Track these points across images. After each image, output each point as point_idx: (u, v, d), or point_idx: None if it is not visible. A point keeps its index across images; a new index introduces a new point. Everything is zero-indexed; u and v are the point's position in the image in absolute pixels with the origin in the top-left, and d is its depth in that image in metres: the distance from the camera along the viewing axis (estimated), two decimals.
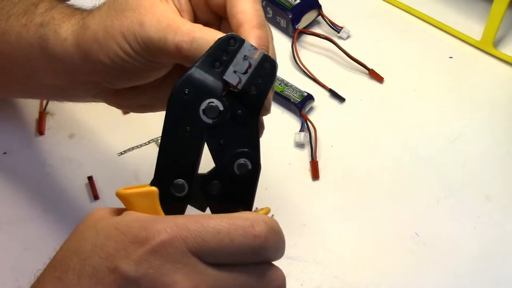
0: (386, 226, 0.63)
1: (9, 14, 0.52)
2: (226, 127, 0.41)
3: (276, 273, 0.40)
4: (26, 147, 0.67)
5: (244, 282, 0.39)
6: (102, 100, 0.53)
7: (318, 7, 0.77)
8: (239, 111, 0.41)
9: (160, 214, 0.40)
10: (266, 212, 0.42)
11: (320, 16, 0.77)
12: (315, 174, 0.66)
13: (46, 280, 0.39)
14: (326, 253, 0.61)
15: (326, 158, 0.67)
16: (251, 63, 0.40)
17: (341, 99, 0.72)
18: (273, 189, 0.63)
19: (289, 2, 0.76)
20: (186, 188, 0.41)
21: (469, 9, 0.79)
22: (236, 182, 0.41)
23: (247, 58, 0.40)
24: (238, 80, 0.40)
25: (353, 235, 0.62)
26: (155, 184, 0.40)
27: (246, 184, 0.41)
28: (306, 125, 0.68)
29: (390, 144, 0.69)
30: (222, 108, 0.41)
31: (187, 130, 0.40)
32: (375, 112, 0.71)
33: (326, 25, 0.77)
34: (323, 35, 0.75)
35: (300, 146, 0.68)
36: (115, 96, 0.51)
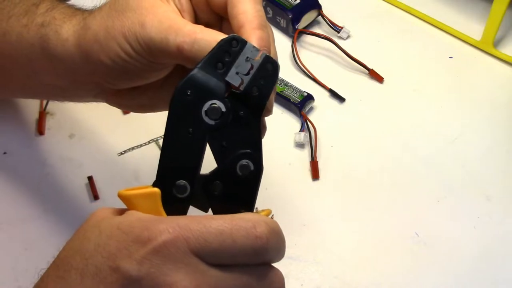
0: (386, 226, 0.63)
1: (10, 14, 0.52)
2: (228, 129, 0.41)
3: (276, 274, 0.40)
4: (26, 147, 0.67)
5: (245, 283, 0.39)
6: (102, 100, 0.53)
7: (318, 7, 0.77)
8: (241, 112, 0.41)
9: (162, 215, 0.40)
10: (267, 214, 0.42)
11: (320, 16, 0.77)
12: (315, 174, 0.66)
13: (49, 279, 0.39)
14: (326, 253, 0.61)
15: (326, 158, 0.67)
16: (253, 65, 0.40)
17: (341, 99, 0.72)
18: (273, 189, 0.63)
19: (289, 2, 0.76)
20: (188, 189, 0.41)
21: (469, 9, 0.79)
22: (238, 183, 0.41)
23: (249, 59, 0.40)
24: (240, 81, 0.40)
25: (353, 235, 0.62)
26: (157, 185, 0.40)
27: (248, 185, 0.41)
28: (306, 125, 0.68)
29: (390, 144, 0.69)
30: (224, 109, 0.41)
31: (189, 131, 0.40)
32: (375, 112, 0.71)
33: (326, 25, 0.77)
34: (323, 35, 0.75)
35: (300, 146, 0.68)
36: (116, 96, 0.51)
